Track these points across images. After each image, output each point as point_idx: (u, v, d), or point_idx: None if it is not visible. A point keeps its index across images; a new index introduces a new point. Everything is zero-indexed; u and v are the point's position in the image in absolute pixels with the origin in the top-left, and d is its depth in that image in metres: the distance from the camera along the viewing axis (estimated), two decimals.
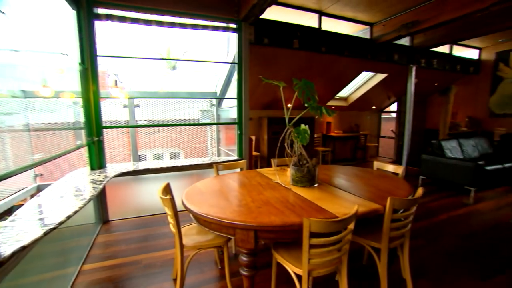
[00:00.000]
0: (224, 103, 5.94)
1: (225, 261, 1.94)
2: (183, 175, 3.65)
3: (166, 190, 1.93)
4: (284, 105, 2.01)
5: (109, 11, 2.91)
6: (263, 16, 3.54)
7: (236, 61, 3.60)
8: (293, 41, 3.97)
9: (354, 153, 7.46)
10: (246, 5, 3.16)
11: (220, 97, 5.74)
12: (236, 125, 3.75)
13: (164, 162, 3.53)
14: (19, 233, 1.31)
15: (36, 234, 1.30)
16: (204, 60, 4.06)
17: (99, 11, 2.88)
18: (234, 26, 3.50)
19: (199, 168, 3.55)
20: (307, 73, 4.87)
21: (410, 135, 5.59)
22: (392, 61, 5.08)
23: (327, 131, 6.81)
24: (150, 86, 9.34)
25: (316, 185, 2.05)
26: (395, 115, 7.59)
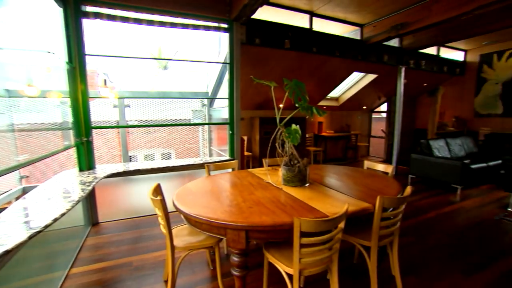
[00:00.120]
0: (216, 103, 5.91)
1: (217, 262, 1.93)
2: (175, 175, 3.62)
3: (157, 191, 1.91)
4: (275, 105, 2.02)
5: (98, 9, 2.86)
6: (254, 16, 3.54)
7: (227, 61, 3.59)
8: (284, 41, 3.98)
9: (345, 152, 7.55)
10: (237, 5, 3.15)
11: (212, 97, 5.71)
12: (227, 125, 3.74)
13: (155, 163, 3.49)
14: (2, 237, 1.27)
15: (21, 238, 1.26)
16: (196, 60, 4.03)
17: (87, 9, 2.82)
18: (225, 26, 3.49)
19: (191, 169, 3.53)
20: (298, 73, 4.90)
21: (400, 135, 5.70)
22: (382, 62, 5.16)
23: (318, 131, 6.87)
24: (141, 86, 9.22)
25: (307, 184, 2.07)
26: (385, 115, 7.71)
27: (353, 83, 6.55)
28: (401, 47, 5.38)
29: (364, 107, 7.75)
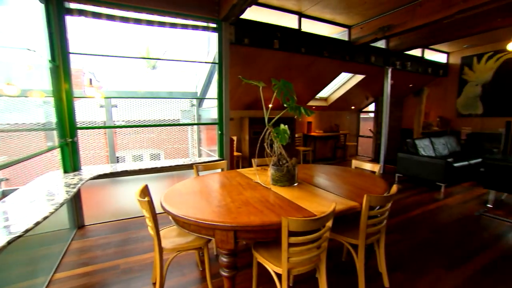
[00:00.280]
0: (205, 103, 5.87)
1: (206, 263, 1.92)
2: (163, 176, 3.57)
3: (144, 192, 1.88)
4: (264, 105, 2.02)
5: (82, 6, 2.78)
6: (243, 16, 3.54)
7: (216, 61, 3.57)
8: (273, 41, 4.00)
9: (334, 152, 7.66)
10: (226, 5, 3.14)
11: (201, 97, 5.67)
12: (216, 126, 3.72)
13: (143, 164, 3.43)
14: None
15: None
16: (184, 59, 3.99)
17: (70, 5, 2.74)
18: (214, 25, 3.47)
19: (180, 169, 3.49)
20: (287, 73, 4.93)
21: (387, 135, 5.83)
22: (370, 63, 5.27)
23: (308, 131, 6.93)
24: (129, 85, 9.04)
25: (295, 184, 2.09)
26: (373, 115, 7.86)
27: (342, 83, 6.65)
28: (387, 48, 5.50)
29: (353, 107, 7.88)
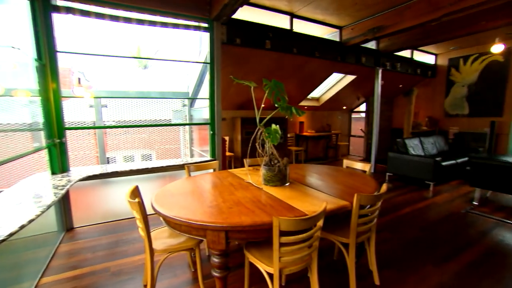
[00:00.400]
0: (197, 103, 5.84)
1: (198, 263, 1.91)
2: (155, 177, 3.54)
3: (135, 193, 1.86)
4: (255, 105, 2.03)
5: (70, 4, 2.72)
6: (235, 16, 3.53)
7: (208, 61, 3.55)
8: (265, 41, 4.01)
9: (326, 152, 7.72)
10: (217, 5, 3.13)
11: (193, 97, 5.64)
12: (208, 126, 3.70)
13: (134, 164, 3.38)
14: None
15: None
16: (176, 59, 3.95)
17: (57, 2, 2.68)
18: (205, 25, 3.45)
19: (171, 170, 3.46)
20: (279, 73, 4.94)
21: (378, 134, 5.91)
22: (360, 64, 5.33)
23: (300, 131, 6.97)
24: (120, 85, 8.92)
25: (287, 184, 2.09)
26: (364, 115, 7.97)
27: (333, 83, 6.72)
28: (378, 49, 5.58)
29: (344, 107, 7.97)
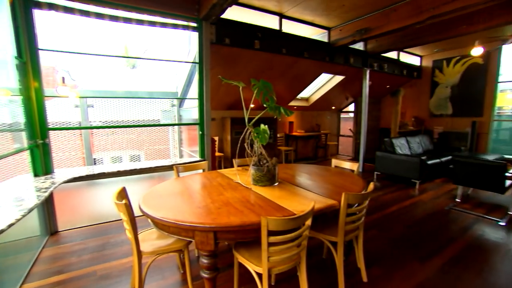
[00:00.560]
0: (186, 104, 5.79)
1: (187, 265, 1.89)
2: (144, 178, 3.48)
3: (122, 195, 1.82)
4: (244, 106, 2.03)
5: (52, 0, 2.64)
6: (224, 16, 3.53)
7: (197, 61, 3.53)
8: (254, 41, 4.01)
9: (316, 151, 7.81)
10: (206, 4, 3.11)
11: (182, 97, 5.58)
12: (197, 126, 3.67)
13: (122, 165, 3.32)
14: None
15: None
16: (164, 59, 3.91)
17: None
18: (194, 25, 3.42)
19: (160, 171, 3.41)
20: (268, 73, 4.96)
21: (366, 134, 6.03)
22: (349, 64, 5.42)
23: (289, 131, 7.02)
24: (108, 85, 8.72)
25: (276, 184, 2.10)
26: (353, 115, 8.10)
27: (322, 84, 6.80)
28: (365, 50, 5.69)
29: (333, 107, 8.08)
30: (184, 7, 3.27)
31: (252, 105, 2.16)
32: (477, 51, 4.30)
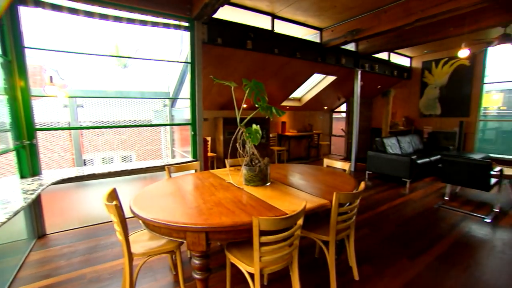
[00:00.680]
0: (178, 104, 5.74)
1: (179, 266, 1.88)
2: (135, 179, 3.44)
3: (112, 196, 1.80)
4: (236, 106, 2.02)
5: None
6: (216, 16, 3.51)
7: (188, 61, 3.50)
8: (246, 42, 4.01)
9: (308, 151, 7.86)
10: (198, 4, 3.09)
11: (173, 97, 5.53)
12: (189, 126, 3.65)
13: (113, 166, 3.27)
14: None
15: None
16: (156, 58, 3.86)
17: None
18: (186, 24, 3.40)
19: (152, 171, 3.37)
20: (261, 73, 4.97)
21: (358, 134, 6.10)
22: (340, 65, 5.48)
23: (282, 131, 7.04)
24: (98, 84, 8.58)
25: (268, 184, 2.11)
26: (345, 115, 8.19)
27: (314, 84, 6.85)
28: (357, 51, 5.76)
29: (325, 107, 8.14)
30: (175, 7, 3.24)
31: (244, 105, 2.17)
32: (463, 53, 4.41)
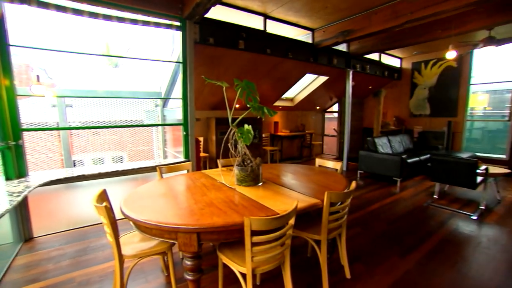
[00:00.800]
0: (170, 104, 5.69)
1: (170, 267, 1.86)
2: (126, 180, 3.39)
3: (102, 197, 1.77)
4: (227, 106, 2.02)
5: None
6: (208, 16, 3.50)
7: (180, 61, 3.47)
8: (238, 41, 4.00)
9: (301, 151, 7.90)
10: (190, 3, 3.07)
11: (165, 97, 5.48)
12: (181, 126, 3.62)
13: (103, 167, 3.21)
14: None
15: None
16: (147, 58, 3.81)
17: None
18: (178, 24, 3.37)
19: (143, 172, 3.33)
20: (253, 74, 4.97)
21: (350, 133, 6.17)
22: (332, 65, 5.53)
23: (274, 131, 7.05)
24: (88, 84, 8.41)
25: (260, 184, 2.11)
26: (337, 115, 8.27)
27: (307, 84, 6.89)
28: (348, 52, 5.83)
29: (318, 107, 8.20)
30: (167, 6, 3.21)
31: (236, 105, 2.16)
32: (450, 54, 4.53)
